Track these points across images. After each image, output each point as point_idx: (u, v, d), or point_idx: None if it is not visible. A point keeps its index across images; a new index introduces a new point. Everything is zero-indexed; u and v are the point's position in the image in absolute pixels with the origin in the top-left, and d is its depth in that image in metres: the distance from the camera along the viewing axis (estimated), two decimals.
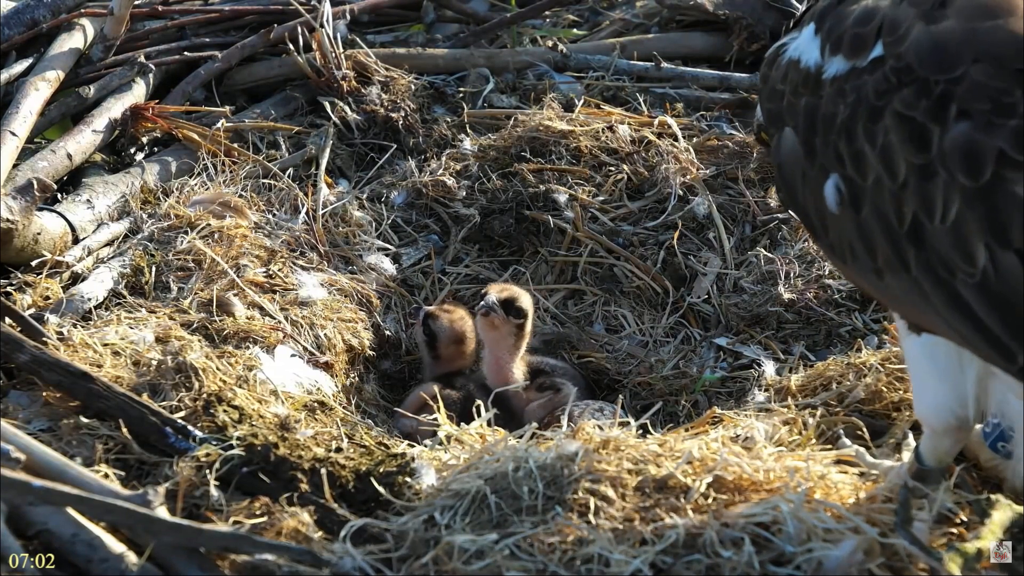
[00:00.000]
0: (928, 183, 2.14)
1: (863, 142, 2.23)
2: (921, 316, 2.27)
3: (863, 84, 2.26)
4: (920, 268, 2.17)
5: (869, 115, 2.23)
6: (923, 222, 2.15)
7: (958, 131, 2.11)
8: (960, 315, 2.13)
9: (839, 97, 2.30)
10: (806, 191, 2.38)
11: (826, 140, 2.31)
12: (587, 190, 4.06)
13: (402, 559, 2.31)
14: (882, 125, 2.21)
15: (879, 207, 2.22)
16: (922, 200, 2.14)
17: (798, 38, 2.48)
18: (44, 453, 2.44)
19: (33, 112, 3.80)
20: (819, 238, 2.41)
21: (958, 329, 2.15)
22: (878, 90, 2.23)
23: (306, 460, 2.53)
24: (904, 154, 2.17)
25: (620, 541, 2.26)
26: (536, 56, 4.73)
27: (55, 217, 3.50)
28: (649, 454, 2.51)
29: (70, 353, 2.90)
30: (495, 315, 3.46)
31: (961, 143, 2.10)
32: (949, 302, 2.14)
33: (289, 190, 3.94)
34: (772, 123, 2.50)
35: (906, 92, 2.18)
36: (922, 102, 2.16)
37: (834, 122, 2.29)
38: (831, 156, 2.30)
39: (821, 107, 2.33)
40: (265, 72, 4.52)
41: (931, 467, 2.49)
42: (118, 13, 4.22)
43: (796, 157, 2.39)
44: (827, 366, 3.13)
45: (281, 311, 3.42)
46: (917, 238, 2.16)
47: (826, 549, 2.23)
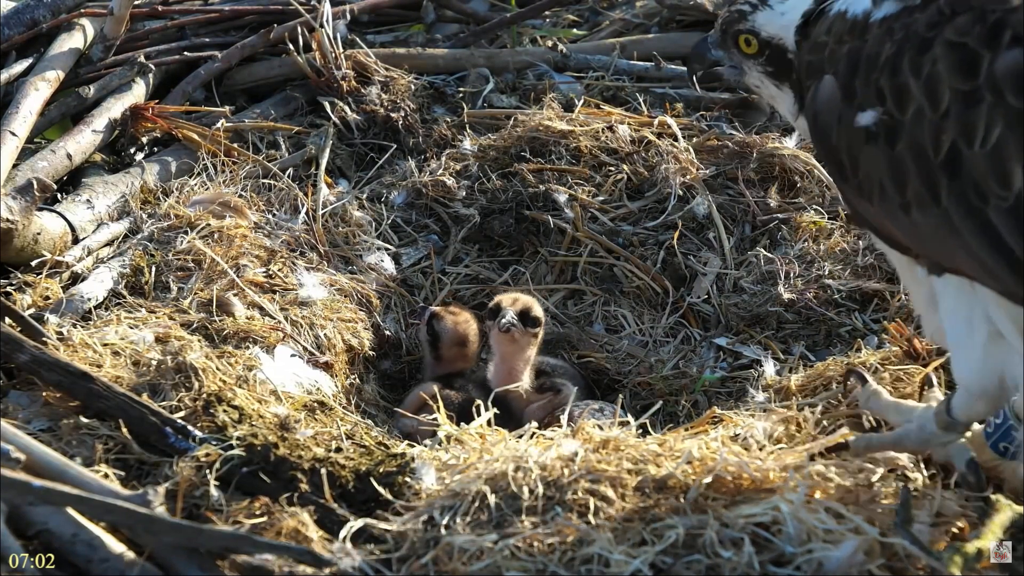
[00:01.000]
0: (972, 109, 2.17)
1: (907, 75, 2.26)
2: (944, 252, 2.30)
3: (914, 21, 2.29)
4: (952, 198, 2.20)
5: (918, 48, 2.26)
6: (961, 149, 2.18)
7: (1011, 56, 2.15)
8: (988, 243, 2.17)
9: (887, 36, 2.32)
10: (841, 131, 2.40)
11: (867, 80, 2.34)
12: (587, 190, 4.06)
13: (402, 559, 2.31)
14: (930, 56, 2.23)
15: (916, 139, 2.24)
16: (963, 127, 2.18)
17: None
18: (44, 453, 2.44)
19: (33, 112, 3.80)
20: (847, 180, 2.43)
21: (983, 260, 2.18)
22: (930, 23, 2.26)
23: (306, 460, 2.53)
24: (950, 82, 2.20)
25: (620, 541, 2.26)
26: (536, 56, 4.73)
27: (55, 217, 3.51)
28: (649, 454, 2.51)
29: (70, 353, 2.90)
30: (516, 329, 3.45)
31: (1012, 67, 2.14)
32: (978, 230, 2.17)
33: (289, 190, 3.94)
34: (810, 74, 2.52)
35: (960, 20, 2.22)
36: (976, 28, 2.19)
37: (877, 61, 2.32)
38: (871, 94, 2.32)
39: (865, 49, 2.36)
40: (265, 72, 4.52)
41: (960, 421, 2.51)
42: (118, 13, 4.22)
43: (834, 101, 2.42)
44: (827, 366, 3.13)
45: (281, 311, 3.42)
46: (952, 167, 2.19)
47: (826, 549, 2.23)
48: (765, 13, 2.73)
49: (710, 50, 2.90)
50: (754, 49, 2.76)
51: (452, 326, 3.63)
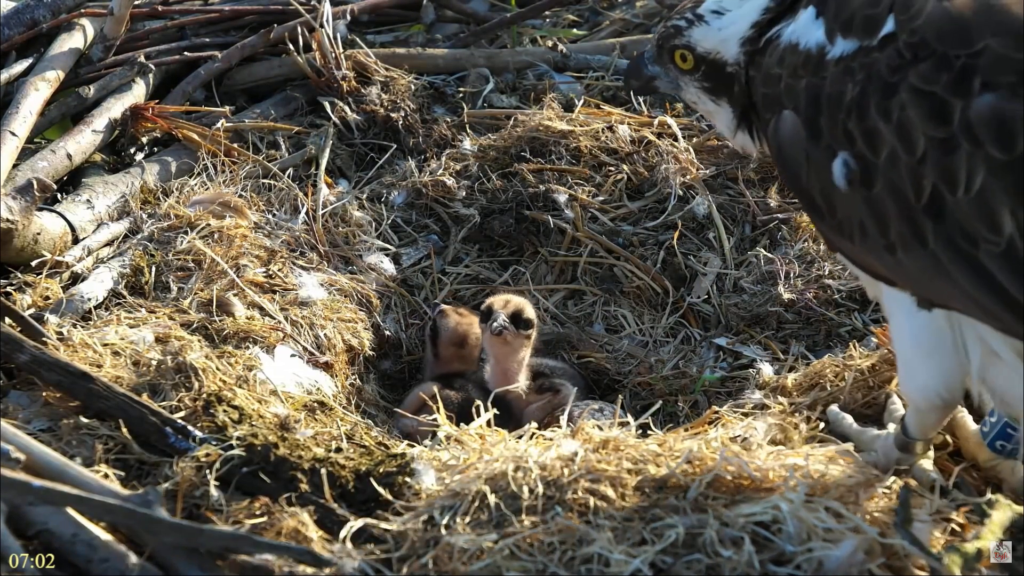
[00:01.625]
0: (950, 156, 2.15)
1: (876, 119, 2.24)
2: (936, 291, 2.28)
3: (873, 62, 2.26)
4: (939, 242, 2.18)
5: (882, 91, 2.23)
6: (943, 195, 2.15)
7: (983, 103, 2.12)
8: (982, 286, 2.14)
9: (846, 76, 2.30)
10: (811, 172, 2.38)
11: (833, 119, 2.31)
12: (587, 190, 4.06)
13: (402, 559, 2.31)
14: (897, 100, 2.21)
15: (893, 182, 2.22)
16: (943, 173, 2.15)
17: (793, 23, 2.48)
18: (44, 453, 2.44)
19: (33, 112, 3.80)
20: (824, 219, 2.41)
21: (979, 301, 2.17)
22: (891, 66, 2.23)
23: (306, 460, 2.53)
24: (923, 128, 2.18)
25: (620, 541, 2.26)
26: (536, 56, 4.73)
27: (55, 217, 3.51)
28: (649, 454, 2.51)
29: (70, 353, 2.90)
30: (508, 332, 3.45)
31: (988, 115, 2.11)
32: (971, 273, 2.15)
33: (289, 190, 3.94)
34: (769, 107, 2.50)
35: (923, 67, 2.19)
36: (942, 76, 2.17)
37: (841, 101, 2.30)
38: (839, 135, 2.30)
39: (825, 87, 2.33)
40: (265, 72, 4.52)
41: (916, 439, 2.54)
42: (118, 13, 4.22)
43: (798, 139, 2.39)
44: (824, 365, 3.14)
45: (281, 311, 3.42)
46: (936, 211, 2.17)
47: (826, 549, 2.23)
48: (701, 29, 2.72)
49: (647, 65, 2.89)
50: (690, 65, 2.75)
51: (453, 325, 3.63)
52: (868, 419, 2.91)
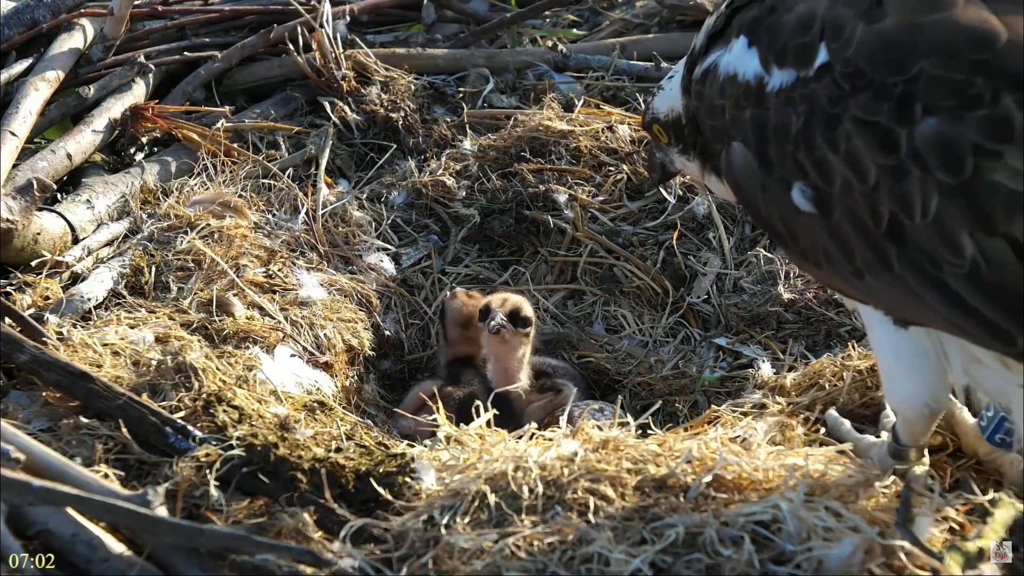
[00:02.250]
0: (901, 183, 2.14)
1: (825, 150, 2.24)
2: (908, 311, 2.28)
3: (812, 93, 2.26)
4: (904, 265, 2.18)
5: (826, 123, 2.23)
6: (901, 220, 2.15)
7: (927, 129, 2.12)
8: (952, 306, 2.14)
9: (788, 107, 2.30)
10: (768, 203, 2.39)
11: (782, 151, 2.32)
12: (587, 190, 4.06)
13: (402, 559, 2.30)
14: (842, 131, 2.21)
15: (851, 210, 2.22)
16: (898, 199, 2.15)
17: (728, 53, 2.48)
18: (44, 453, 2.44)
19: (33, 112, 3.80)
20: (788, 247, 2.43)
21: (951, 319, 2.16)
22: (831, 97, 2.23)
23: (306, 460, 2.53)
24: (872, 157, 2.17)
25: (620, 540, 2.26)
26: (536, 56, 4.73)
27: (55, 217, 3.51)
28: (649, 454, 2.51)
29: (70, 353, 2.90)
30: (506, 331, 3.45)
31: (933, 141, 2.11)
32: (939, 295, 2.15)
33: (289, 190, 3.94)
34: (717, 138, 2.52)
35: (863, 97, 2.19)
36: (883, 106, 2.16)
37: (788, 133, 2.30)
38: (791, 167, 2.31)
39: (770, 119, 2.34)
40: (265, 72, 4.52)
41: (908, 446, 2.55)
42: (118, 13, 4.22)
43: (751, 170, 2.40)
44: (823, 365, 3.14)
45: (281, 311, 3.42)
46: (897, 236, 2.17)
47: (826, 548, 2.23)
48: (659, 96, 2.86)
49: (655, 154, 2.99)
50: (665, 136, 2.87)
51: (459, 306, 3.64)
52: (866, 419, 2.92)
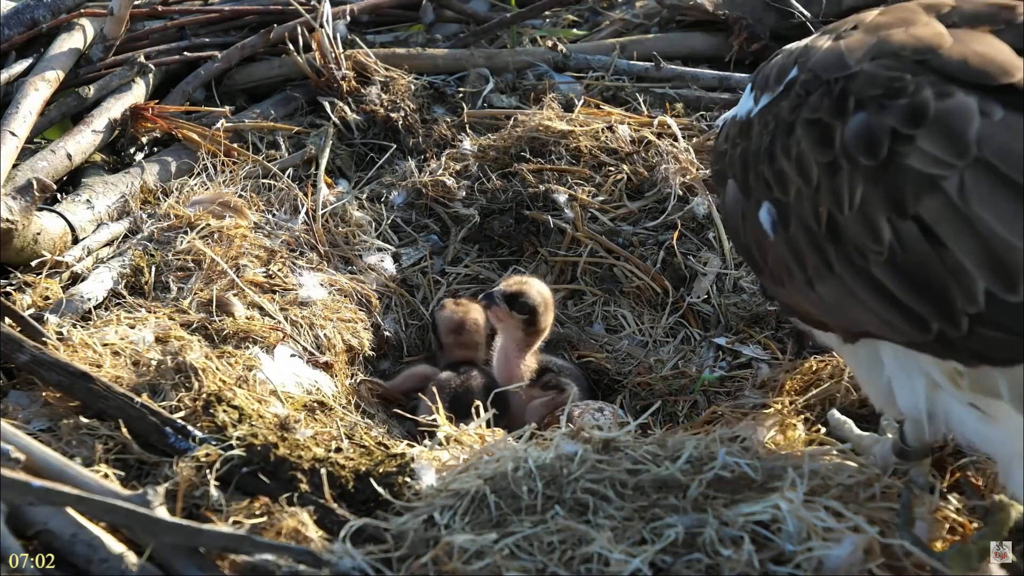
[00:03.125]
0: (835, 177, 2.21)
1: (782, 159, 2.33)
2: (849, 318, 2.32)
3: (780, 108, 2.37)
4: (841, 264, 2.23)
5: (786, 132, 2.33)
6: (836, 216, 2.22)
7: (856, 120, 2.20)
8: (879, 297, 2.19)
9: (763, 128, 2.41)
10: (747, 229, 2.46)
11: (756, 172, 2.40)
12: (587, 190, 4.06)
13: (402, 559, 2.31)
14: (795, 137, 2.30)
15: (802, 218, 2.29)
16: (833, 195, 2.22)
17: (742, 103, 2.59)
18: (44, 453, 2.44)
19: (33, 112, 3.80)
20: (761, 271, 2.49)
21: (879, 313, 2.20)
22: (792, 107, 2.33)
23: (306, 460, 2.53)
24: (814, 156, 2.25)
25: (620, 541, 2.26)
26: (536, 56, 4.73)
27: (55, 217, 3.51)
28: (649, 454, 2.51)
29: (70, 353, 2.90)
30: (497, 307, 3.47)
31: (859, 130, 2.19)
32: (868, 288, 2.20)
33: (289, 190, 3.94)
34: (719, 180, 2.61)
35: (813, 98, 2.29)
36: (824, 102, 2.26)
37: (760, 153, 2.39)
38: (761, 186, 2.39)
39: (751, 146, 2.43)
40: (265, 72, 4.52)
41: (914, 447, 2.55)
42: (118, 13, 4.22)
43: (736, 201, 2.49)
44: (822, 364, 3.14)
45: (281, 311, 3.42)
46: (834, 234, 2.23)
47: (826, 548, 2.23)
48: None
49: None
50: None
51: (448, 314, 3.67)
52: (865, 419, 2.92)
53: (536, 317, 3.51)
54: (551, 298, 3.62)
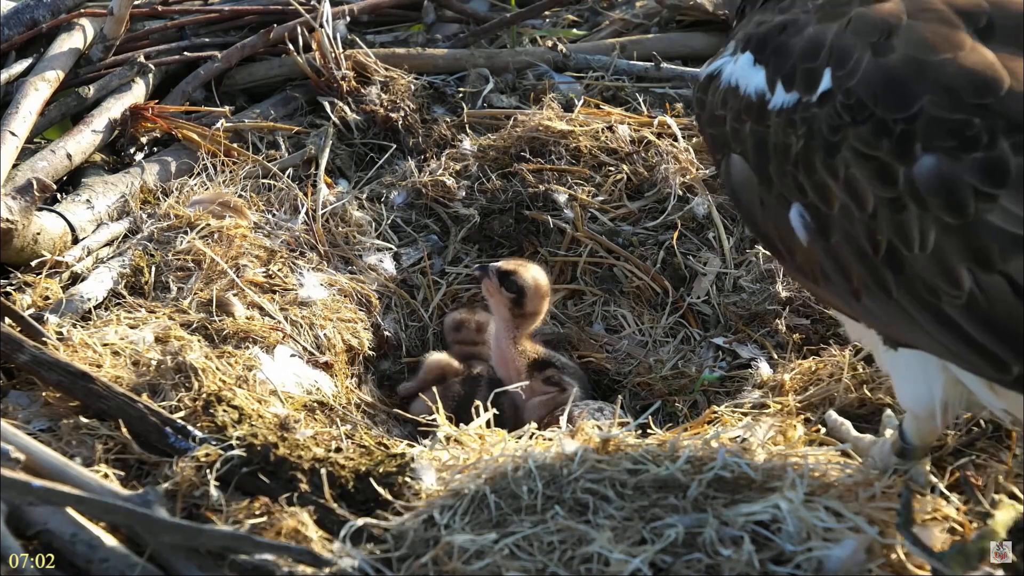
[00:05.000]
0: (900, 215, 2.17)
1: (824, 175, 2.27)
2: (903, 334, 2.31)
3: (813, 117, 2.30)
4: (902, 292, 2.20)
5: (826, 150, 2.27)
6: (900, 250, 2.18)
7: (926, 166, 2.15)
8: (949, 333, 2.16)
9: (789, 128, 2.34)
10: (767, 218, 2.42)
11: (782, 170, 2.35)
12: (587, 190, 4.06)
13: (402, 559, 2.31)
14: (841, 159, 2.24)
15: (850, 233, 2.25)
16: (896, 230, 2.18)
17: (732, 63, 2.52)
18: (44, 453, 2.44)
19: (33, 112, 3.80)
20: (785, 261, 2.45)
21: (947, 345, 2.19)
22: (832, 125, 2.26)
23: (306, 460, 2.53)
24: (872, 189, 2.20)
25: (620, 541, 2.26)
26: (536, 56, 4.73)
27: (55, 217, 3.50)
28: (649, 454, 2.51)
29: (70, 353, 2.90)
30: (488, 281, 3.57)
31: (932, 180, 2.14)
32: (936, 322, 2.17)
33: (289, 190, 3.94)
34: (717, 148, 2.55)
35: (863, 131, 2.22)
36: (883, 142, 2.20)
37: (788, 153, 2.33)
38: (790, 186, 2.33)
39: (770, 137, 2.37)
40: (265, 72, 4.52)
41: (915, 445, 2.55)
42: (118, 13, 4.22)
43: (750, 184, 2.44)
44: (822, 363, 3.14)
45: (281, 311, 3.42)
46: (896, 264, 2.19)
47: (826, 548, 2.23)
48: None
49: None
50: None
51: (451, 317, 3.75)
52: (864, 419, 2.92)
53: (523, 299, 3.55)
54: (547, 287, 3.65)
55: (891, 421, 2.88)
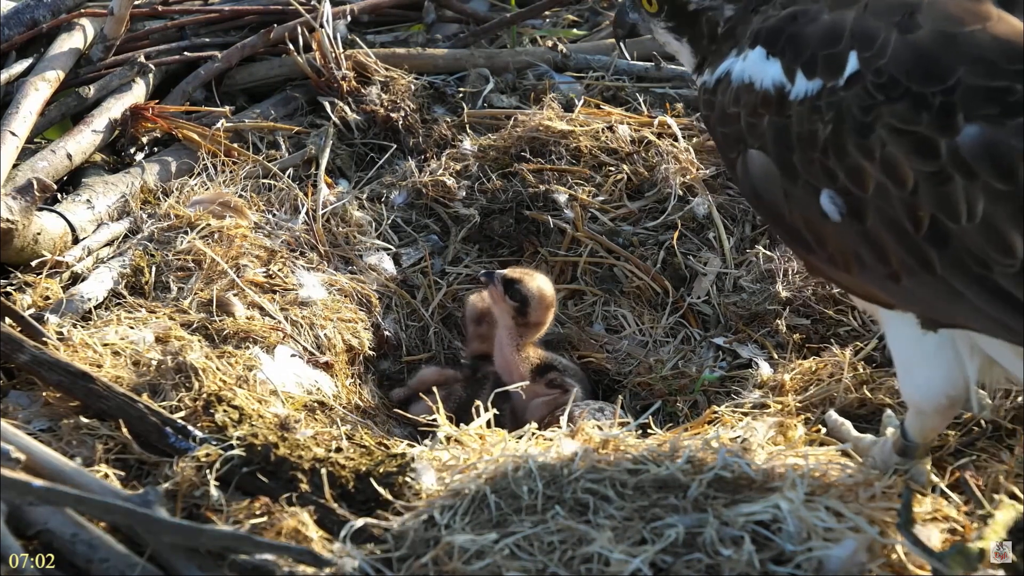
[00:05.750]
0: (944, 187, 2.17)
1: (858, 156, 2.26)
2: (944, 312, 2.29)
3: (841, 101, 2.28)
4: (947, 267, 2.19)
5: (858, 131, 2.25)
6: (944, 223, 2.17)
7: (970, 136, 2.14)
8: (1001, 304, 2.16)
9: (814, 115, 2.32)
10: (793, 210, 2.40)
11: (808, 158, 2.33)
12: (587, 190, 4.06)
13: (402, 559, 2.31)
14: (876, 138, 2.23)
15: (887, 214, 2.24)
16: (940, 203, 2.17)
17: (740, 62, 2.51)
18: (44, 453, 2.44)
19: (33, 112, 3.80)
20: (814, 252, 2.42)
21: (998, 318, 2.18)
22: (863, 106, 2.25)
23: (306, 460, 2.53)
24: (910, 164, 2.19)
25: (620, 540, 2.26)
26: (536, 56, 4.73)
27: (55, 217, 3.50)
28: (649, 454, 2.51)
29: (70, 353, 2.90)
30: (493, 288, 3.56)
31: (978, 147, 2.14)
32: (986, 293, 2.16)
33: (289, 190, 3.94)
34: (730, 146, 2.53)
35: (899, 107, 2.22)
36: (922, 116, 2.19)
37: (814, 140, 2.32)
38: (818, 173, 2.32)
39: (792, 126, 2.36)
40: (265, 72, 4.52)
41: (917, 443, 2.55)
42: (118, 13, 4.22)
43: (772, 177, 2.42)
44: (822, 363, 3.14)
45: (281, 311, 3.42)
46: (940, 239, 2.18)
47: (826, 548, 2.24)
48: None
49: (627, 13, 3.01)
50: (654, 7, 2.87)
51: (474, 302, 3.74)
52: (864, 419, 2.92)
53: (527, 308, 3.54)
54: (552, 298, 3.63)
55: (892, 420, 2.89)
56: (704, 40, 2.77)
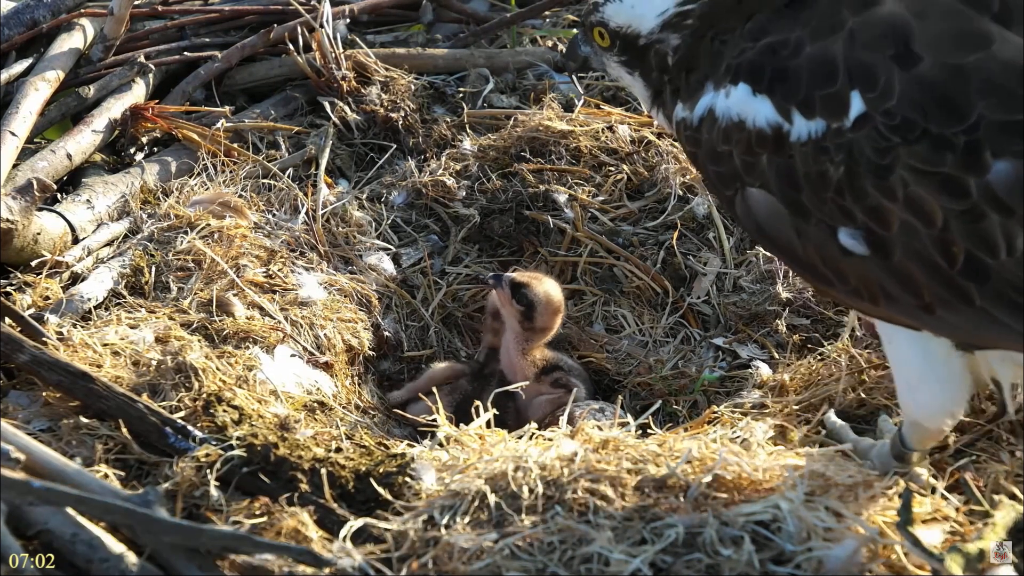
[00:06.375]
0: (978, 224, 2.14)
1: (879, 197, 2.22)
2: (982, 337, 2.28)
3: (851, 143, 2.24)
4: (988, 299, 2.17)
5: (876, 174, 2.21)
6: (980, 258, 2.15)
7: (1002, 172, 2.12)
8: None
9: (822, 156, 2.27)
10: (807, 247, 2.36)
11: (820, 198, 2.29)
12: (587, 190, 4.06)
13: (402, 559, 2.31)
14: (897, 179, 2.19)
15: (916, 250, 2.21)
16: (975, 240, 2.15)
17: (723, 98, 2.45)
18: (44, 453, 2.44)
19: (33, 112, 3.80)
20: (834, 286, 2.38)
21: None
22: (878, 148, 2.21)
23: (306, 460, 2.53)
24: (939, 202, 2.16)
25: (620, 540, 2.26)
26: (536, 56, 4.73)
27: (55, 217, 3.51)
28: (649, 454, 2.51)
29: (70, 353, 2.90)
30: (500, 290, 3.56)
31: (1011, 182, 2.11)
32: None
33: (289, 190, 3.94)
34: (725, 184, 2.48)
35: (919, 149, 2.17)
36: (946, 157, 2.15)
37: (825, 181, 2.27)
38: (833, 212, 2.28)
39: (797, 167, 2.31)
40: (265, 72, 4.52)
41: (914, 450, 2.55)
42: (118, 13, 4.22)
43: (780, 216, 2.38)
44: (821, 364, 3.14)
45: (281, 311, 3.42)
46: (977, 274, 2.16)
47: (826, 548, 2.24)
48: (613, 5, 2.78)
49: (580, 46, 2.97)
50: (607, 42, 2.82)
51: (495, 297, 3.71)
52: (863, 420, 2.92)
53: (533, 312, 3.54)
54: (559, 303, 3.62)
55: (887, 425, 2.88)
56: (654, 73, 2.71)
